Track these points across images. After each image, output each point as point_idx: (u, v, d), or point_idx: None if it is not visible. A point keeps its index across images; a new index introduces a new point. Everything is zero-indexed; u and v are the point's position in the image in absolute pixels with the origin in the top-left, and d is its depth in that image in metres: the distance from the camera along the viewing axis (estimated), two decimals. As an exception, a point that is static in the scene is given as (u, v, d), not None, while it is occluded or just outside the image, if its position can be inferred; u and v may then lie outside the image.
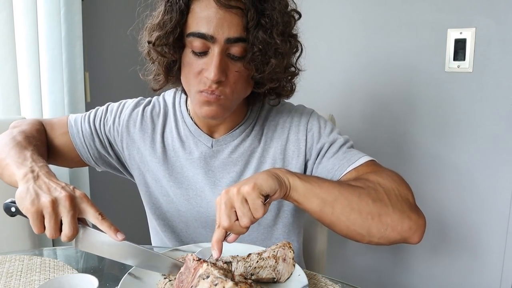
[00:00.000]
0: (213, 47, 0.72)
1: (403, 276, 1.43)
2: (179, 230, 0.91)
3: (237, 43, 0.71)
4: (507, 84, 1.19)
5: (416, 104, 1.33)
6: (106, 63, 1.63)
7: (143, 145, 0.88)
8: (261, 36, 0.70)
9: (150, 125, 0.88)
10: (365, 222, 0.68)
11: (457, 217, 1.30)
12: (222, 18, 0.70)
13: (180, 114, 0.88)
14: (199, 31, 0.71)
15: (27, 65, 1.27)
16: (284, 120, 0.87)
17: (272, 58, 0.73)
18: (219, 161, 0.86)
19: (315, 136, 0.84)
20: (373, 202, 0.68)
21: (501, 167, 1.22)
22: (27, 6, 1.24)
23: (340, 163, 0.80)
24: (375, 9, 1.37)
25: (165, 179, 0.87)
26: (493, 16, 1.18)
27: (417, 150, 1.35)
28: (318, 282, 0.71)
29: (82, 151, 0.90)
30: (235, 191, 0.61)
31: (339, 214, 0.67)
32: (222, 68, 0.71)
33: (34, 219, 0.61)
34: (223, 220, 0.61)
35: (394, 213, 0.69)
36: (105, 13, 1.60)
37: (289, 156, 0.85)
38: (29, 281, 0.70)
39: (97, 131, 0.90)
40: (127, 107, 0.91)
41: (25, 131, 0.82)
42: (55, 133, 0.90)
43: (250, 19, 0.70)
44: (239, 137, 0.86)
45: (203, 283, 0.53)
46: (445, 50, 1.27)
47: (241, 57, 0.73)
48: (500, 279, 1.25)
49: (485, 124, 1.23)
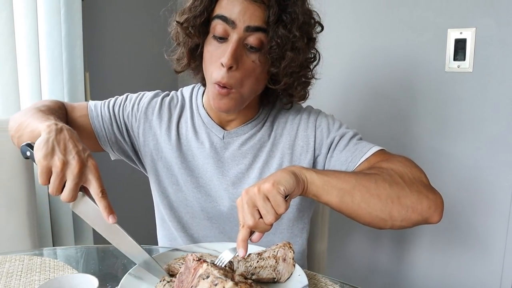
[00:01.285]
0: (232, 34, 0.76)
1: (403, 275, 1.43)
2: (185, 221, 0.93)
3: (255, 32, 0.76)
4: (507, 84, 1.19)
5: (416, 104, 1.33)
6: (106, 63, 1.63)
7: (159, 131, 0.92)
8: (280, 30, 0.75)
9: (167, 113, 0.93)
10: (386, 207, 0.69)
11: (457, 216, 1.30)
12: (246, 8, 0.75)
13: (196, 106, 0.93)
14: (222, 14, 0.76)
15: (27, 65, 1.27)
16: (293, 117, 0.90)
17: (289, 51, 0.77)
18: (229, 152, 0.89)
19: (324, 132, 0.88)
20: (390, 186, 0.70)
21: (501, 167, 1.22)
22: (27, 6, 1.24)
23: (352, 155, 0.82)
24: (375, 9, 1.37)
25: (177, 166, 0.91)
26: (493, 16, 1.18)
27: (417, 150, 1.35)
28: (318, 282, 0.71)
29: (100, 134, 0.93)
30: (255, 190, 0.62)
31: (360, 202, 0.68)
32: (236, 56, 0.76)
33: (43, 172, 0.63)
34: (247, 219, 0.62)
35: (412, 194, 0.70)
36: (105, 13, 1.60)
37: (297, 151, 0.88)
38: (29, 281, 0.70)
39: (116, 116, 0.94)
40: (146, 96, 0.96)
41: (49, 105, 0.86)
42: (75, 114, 0.93)
43: (272, 14, 0.74)
44: (250, 131, 0.89)
45: (203, 283, 0.53)
46: (445, 50, 1.27)
47: (258, 49, 0.77)
48: (500, 279, 1.25)
49: (485, 124, 1.23)
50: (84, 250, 0.85)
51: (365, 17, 1.40)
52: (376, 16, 1.38)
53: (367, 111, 1.43)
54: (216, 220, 0.91)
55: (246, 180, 0.89)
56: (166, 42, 0.91)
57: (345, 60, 1.44)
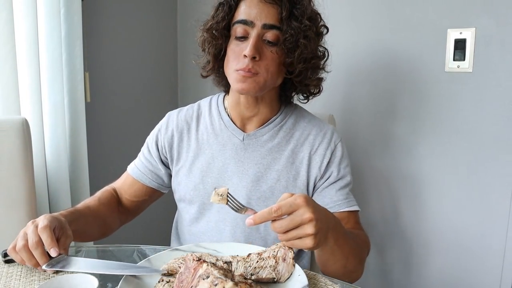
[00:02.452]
0: (251, 32, 0.88)
1: (403, 276, 1.43)
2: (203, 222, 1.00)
3: (272, 29, 0.88)
4: (507, 84, 1.19)
5: (416, 104, 1.33)
6: (106, 63, 1.63)
7: (181, 144, 1.02)
8: (293, 23, 0.87)
9: (185, 125, 1.02)
10: (344, 268, 0.82)
11: (457, 216, 1.30)
12: (261, 9, 0.88)
13: (218, 112, 1.02)
14: (242, 18, 0.89)
15: (27, 65, 1.27)
16: (318, 131, 1.00)
17: (301, 39, 0.88)
18: (248, 153, 0.97)
19: (336, 160, 0.98)
20: (359, 262, 0.86)
21: (501, 167, 1.22)
22: (27, 6, 1.24)
23: (342, 202, 0.95)
24: (375, 9, 1.37)
25: (198, 170, 0.98)
26: (493, 16, 1.18)
27: (417, 150, 1.35)
28: (318, 282, 0.71)
29: (154, 184, 1.05)
30: (307, 217, 0.65)
31: (334, 264, 0.80)
32: (257, 47, 0.87)
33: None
34: (282, 223, 0.66)
35: (361, 269, 0.89)
36: (105, 13, 1.60)
37: (313, 165, 0.97)
38: (29, 281, 0.70)
39: (151, 162, 1.04)
40: (161, 125, 1.05)
41: (91, 200, 1.00)
42: (127, 191, 1.06)
43: (284, 10, 0.87)
44: (268, 133, 0.98)
45: (203, 283, 0.53)
46: (445, 50, 1.27)
47: (275, 43, 0.88)
48: (500, 279, 1.25)
49: (485, 124, 1.23)
50: (84, 250, 0.85)
51: (365, 17, 1.40)
52: (376, 16, 1.38)
53: (366, 111, 1.43)
54: (228, 223, 0.97)
55: (264, 180, 0.96)
56: (166, 42, 0.95)
57: (345, 60, 1.44)
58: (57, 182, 1.38)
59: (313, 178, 0.97)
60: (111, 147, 1.67)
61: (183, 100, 1.93)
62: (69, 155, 1.43)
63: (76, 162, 1.44)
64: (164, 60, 1.87)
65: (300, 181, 0.96)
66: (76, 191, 1.45)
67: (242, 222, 0.95)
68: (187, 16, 1.86)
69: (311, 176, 0.97)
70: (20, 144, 1.10)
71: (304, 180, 0.96)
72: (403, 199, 1.40)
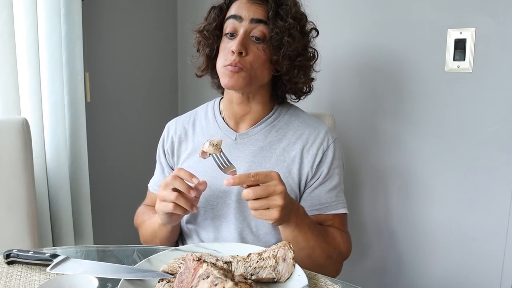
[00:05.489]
0: (239, 28, 0.94)
1: (403, 276, 1.43)
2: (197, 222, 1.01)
3: (259, 24, 0.93)
4: (507, 84, 1.19)
5: (416, 104, 1.33)
6: (106, 63, 1.63)
7: (180, 147, 1.07)
8: (278, 22, 0.92)
9: (183, 131, 1.08)
10: (309, 259, 0.88)
11: (457, 216, 1.30)
12: (249, 6, 0.94)
13: (212, 114, 1.07)
14: (231, 14, 0.95)
15: (27, 65, 1.27)
16: (311, 130, 1.01)
17: (286, 37, 0.92)
18: (240, 152, 0.99)
19: (327, 160, 0.99)
20: (327, 258, 0.92)
21: (501, 167, 1.22)
22: (27, 6, 1.24)
23: (329, 204, 0.98)
24: (375, 9, 1.37)
25: (192, 169, 0.99)
26: (493, 16, 1.18)
27: (416, 150, 1.35)
28: (318, 282, 0.71)
29: None
30: (277, 189, 0.74)
31: (299, 251, 0.83)
32: (244, 44, 0.92)
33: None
34: (255, 190, 0.74)
35: (330, 266, 0.95)
36: (105, 13, 1.60)
37: (305, 164, 0.98)
38: (29, 281, 0.70)
39: (165, 174, 1.09)
40: (163, 135, 1.11)
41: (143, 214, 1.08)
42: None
43: (270, 9, 0.92)
44: (260, 132, 1.01)
45: (203, 283, 0.53)
46: (445, 50, 1.27)
47: (262, 39, 0.93)
48: (500, 279, 1.25)
49: (485, 124, 1.23)
50: (84, 250, 0.85)
51: (365, 17, 1.40)
52: (376, 16, 1.38)
53: (366, 111, 1.43)
54: (222, 214, 0.99)
55: None
56: (166, 42, 0.96)
57: (344, 60, 1.44)
58: (57, 182, 1.38)
59: (305, 177, 0.98)
60: (111, 147, 1.67)
61: (183, 100, 1.94)
62: (69, 155, 1.43)
63: (76, 162, 1.44)
64: (164, 60, 1.87)
65: (291, 179, 0.97)
66: (76, 191, 1.45)
67: (236, 220, 0.96)
68: (187, 16, 1.86)
69: (303, 175, 0.98)
70: (20, 144, 1.10)
71: (296, 178, 0.97)
72: (403, 199, 1.40)
